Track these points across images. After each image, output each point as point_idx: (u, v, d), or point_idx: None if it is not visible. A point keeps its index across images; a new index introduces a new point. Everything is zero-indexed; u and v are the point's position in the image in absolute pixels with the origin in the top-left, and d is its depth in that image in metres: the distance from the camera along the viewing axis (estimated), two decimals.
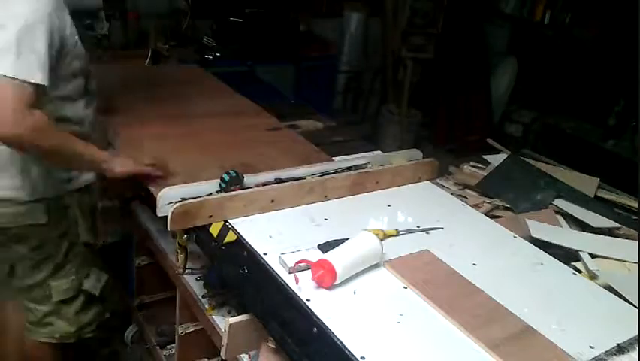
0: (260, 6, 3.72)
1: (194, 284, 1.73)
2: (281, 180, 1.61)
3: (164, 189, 1.46)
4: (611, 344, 1.18)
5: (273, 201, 1.54)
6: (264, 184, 1.58)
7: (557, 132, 4.66)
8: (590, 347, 1.17)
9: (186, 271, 1.67)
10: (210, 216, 1.45)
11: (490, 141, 3.10)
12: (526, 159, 2.77)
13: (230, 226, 1.45)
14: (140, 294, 2.27)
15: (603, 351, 1.16)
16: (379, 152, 2.06)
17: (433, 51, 4.31)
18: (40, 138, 1.34)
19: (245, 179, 1.55)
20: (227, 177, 1.52)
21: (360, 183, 1.72)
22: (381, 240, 1.40)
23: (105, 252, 2.55)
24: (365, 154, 1.91)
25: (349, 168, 1.76)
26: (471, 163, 2.75)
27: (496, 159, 2.70)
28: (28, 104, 1.30)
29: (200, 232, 1.47)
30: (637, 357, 1.15)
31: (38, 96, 1.34)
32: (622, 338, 1.20)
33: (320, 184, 1.63)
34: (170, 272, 1.86)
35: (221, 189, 1.51)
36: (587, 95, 4.54)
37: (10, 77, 1.28)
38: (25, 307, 1.70)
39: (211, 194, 1.49)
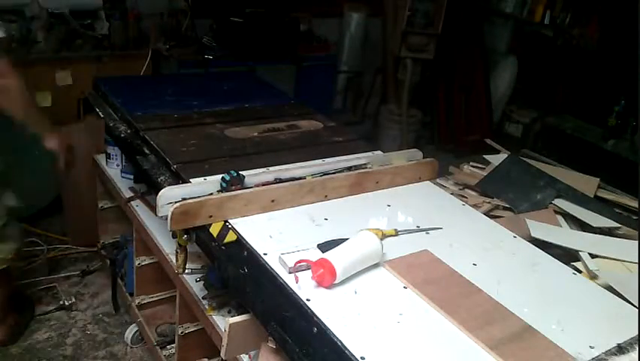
0: (260, 6, 3.72)
1: (194, 284, 1.73)
2: (281, 180, 1.61)
3: (164, 189, 1.46)
4: (611, 344, 1.18)
5: (273, 201, 1.54)
6: (264, 184, 1.58)
7: (557, 132, 4.66)
8: (590, 347, 1.17)
9: (186, 271, 1.66)
10: (210, 216, 1.45)
11: (488, 141, 3.09)
12: (526, 159, 2.77)
13: (230, 226, 1.45)
14: (140, 294, 2.27)
15: (603, 351, 1.16)
16: (379, 152, 2.05)
17: (433, 51, 4.31)
18: None
19: (245, 179, 1.55)
20: (227, 177, 1.52)
21: (360, 183, 1.72)
22: (381, 240, 1.40)
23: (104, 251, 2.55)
24: (365, 154, 1.91)
25: (349, 168, 1.76)
26: (471, 163, 2.75)
27: (496, 159, 2.70)
28: None
29: (201, 232, 1.47)
30: (637, 357, 1.15)
31: None
32: (622, 338, 1.20)
33: (320, 184, 1.63)
34: (170, 272, 1.86)
35: (222, 189, 1.51)
36: (587, 95, 4.54)
37: None
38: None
39: (211, 194, 1.49)
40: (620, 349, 1.17)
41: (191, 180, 1.64)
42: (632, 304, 1.37)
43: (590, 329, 1.23)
